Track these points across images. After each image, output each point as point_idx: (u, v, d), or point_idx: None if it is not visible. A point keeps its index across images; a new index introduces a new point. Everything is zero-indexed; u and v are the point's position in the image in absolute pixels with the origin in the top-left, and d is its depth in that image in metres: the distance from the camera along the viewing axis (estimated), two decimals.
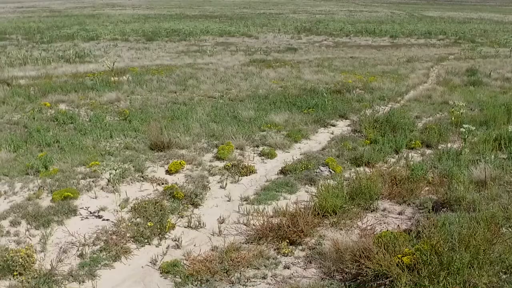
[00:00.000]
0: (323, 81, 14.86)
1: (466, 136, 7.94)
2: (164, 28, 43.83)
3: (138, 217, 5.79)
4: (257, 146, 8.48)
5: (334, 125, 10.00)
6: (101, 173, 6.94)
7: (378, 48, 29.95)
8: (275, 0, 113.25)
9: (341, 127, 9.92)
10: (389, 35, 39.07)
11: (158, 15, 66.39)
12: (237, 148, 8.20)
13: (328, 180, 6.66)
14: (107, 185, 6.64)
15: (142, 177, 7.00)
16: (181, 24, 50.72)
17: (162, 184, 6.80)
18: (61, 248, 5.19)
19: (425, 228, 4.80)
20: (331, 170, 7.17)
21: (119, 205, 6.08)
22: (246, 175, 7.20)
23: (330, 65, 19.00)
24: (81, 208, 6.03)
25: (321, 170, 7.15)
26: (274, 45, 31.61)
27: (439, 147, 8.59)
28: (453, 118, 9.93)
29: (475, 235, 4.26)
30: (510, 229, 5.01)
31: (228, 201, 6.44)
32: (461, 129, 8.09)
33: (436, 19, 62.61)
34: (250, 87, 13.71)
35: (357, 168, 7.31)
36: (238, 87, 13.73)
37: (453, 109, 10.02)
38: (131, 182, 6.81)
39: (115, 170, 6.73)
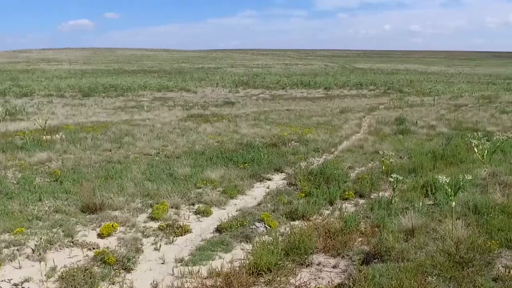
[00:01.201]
0: (259, 134, 15.14)
1: (395, 185, 8.24)
2: (102, 83, 43.47)
3: (65, 287, 5.50)
4: (193, 204, 8.40)
5: (269, 179, 10.13)
6: (27, 241, 6.60)
7: (313, 100, 31.01)
8: (213, 54, 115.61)
9: (277, 181, 10.06)
10: (323, 87, 40.65)
11: (95, 70, 65.82)
12: (172, 207, 8.08)
13: (264, 237, 6.66)
14: (33, 253, 6.30)
15: (72, 242, 6.70)
16: (119, 79, 50.50)
17: (93, 249, 6.54)
18: None
19: (356, 282, 4.87)
20: (267, 226, 7.19)
21: (45, 275, 5.77)
22: (181, 235, 7.07)
23: (267, 118, 19.43)
24: (2, 280, 5.67)
25: (257, 226, 7.16)
26: (212, 99, 32.03)
27: (372, 196, 8.86)
28: (383, 167, 10.33)
29: (402, 286, 4.37)
30: (436, 277, 5.16)
31: (162, 263, 6.26)
32: (390, 178, 8.40)
33: (366, 71, 65.92)
34: (186, 143, 13.73)
35: (292, 222, 7.38)
36: (175, 143, 13.70)
37: (383, 159, 10.43)
38: (60, 249, 6.51)
39: (42, 237, 6.42)
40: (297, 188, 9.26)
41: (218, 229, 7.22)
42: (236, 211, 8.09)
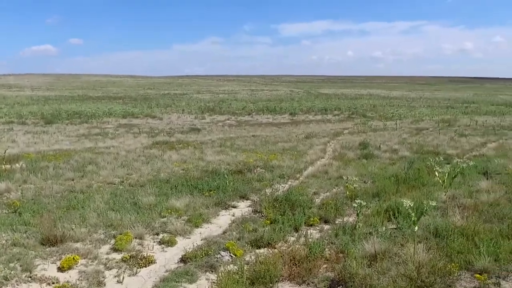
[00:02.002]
0: (225, 161, 15.13)
1: (359, 211, 8.36)
2: (65, 110, 42.78)
3: None
4: (157, 234, 8.28)
5: (235, 207, 10.10)
6: None
7: (278, 125, 31.27)
8: (179, 80, 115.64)
9: (242, 208, 10.04)
10: (289, 112, 41.12)
11: (59, 97, 64.77)
12: (136, 238, 7.94)
13: (229, 266, 6.61)
14: None
15: (30, 277, 6.48)
16: (83, 106, 49.83)
17: (53, 283, 6.33)
18: None
19: None
20: (232, 255, 7.15)
21: None
22: (145, 266, 6.94)
23: (233, 145, 19.46)
24: None
25: (222, 256, 7.10)
26: (178, 125, 31.91)
27: (337, 222, 8.93)
28: (348, 192, 10.48)
29: None
30: None
31: None
32: (353, 204, 8.51)
33: (331, 96, 67.12)
34: (151, 171, 13.59)
35: (258, 250, 7.36)
36: (139, 172, 13.54)
37: (347, 184, 10.58)
38: (17, 285, 6.28)
39: None
40: (263, 215, 9.26)
41: (183, 259, 7.13)
42: (201, 240, 8.02)
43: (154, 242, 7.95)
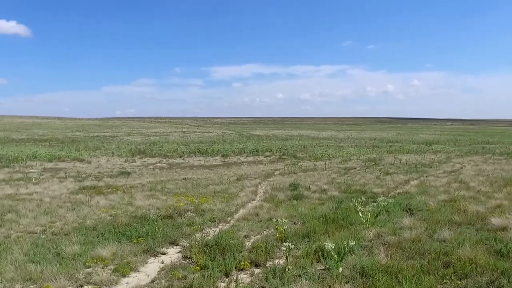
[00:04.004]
0: (155, 206, 14.83)
1: (288, 253, 8.42)
2: None
3: None
4: (81, 286, 7.88)
5: (164, 254, 9.85)
6: None
7: (210, 167, 31.23)
8: (109, 122, 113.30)
9: (172, 254, 9.81)
10: (220, 154, 41.26)
11: None
12: None
13: None
14: None
15: None
16: (5, 149, 47.43)
17: None
18: None
19: None
20: None
21: None
22: None
23: (163, 188, 19.16)
24: None
25: None
26: (107, 169, 31.02)
27: (267, 265, 8.92)
28: (278, 235, 10.55)
29: None
30: None
31: None
32: (282, 247, 8.57)
33: (262, 137, 68.19)
34: (77, 218, 13.06)
35: None
36: (64, 219, 12.96)
37: (277, 226, 10.67)
38: None
39: None
40: (193, 261, 9.09)
41: None
42: None
43: None
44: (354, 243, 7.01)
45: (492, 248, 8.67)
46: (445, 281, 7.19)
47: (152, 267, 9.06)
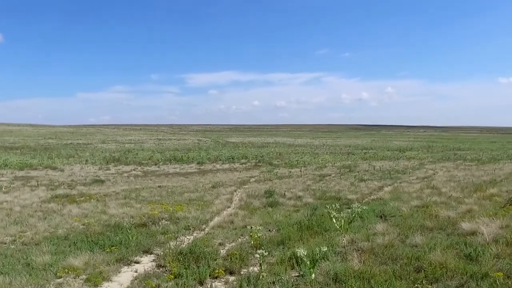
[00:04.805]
0: (129, 214, 14.68)
1: (261, 261, 8.43)
2: None
3: None
4: None
5: (138, 262, 9.75)
6: None
7: (186, 175, 31.08)
8: (83, 130, 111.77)
9: (145, 263, 9.71)
10: (196, 161, 41.09)
11: None
12: None
13: None
14: None
15: None
16: None
17: None
18: None
19: None
20: None
21: None
22: None
23: (138, 196, 18.99)
24: None
25: None
26: (81, 177, 30.57)
27: (242, 273, 8.91)
28: (253, 242, 10.56)
29: None
30: None
31: None
32: (256, 255, 8.58)
33: (238, 145, 68.20)
34: (48, 228, 12.82)
35: None
36: (35, 228, 12.71)
37: (252, 233, 10.68)
38: None
39: None
40: (167, 270, 9.02)
41: None
42: None
43: None
44: (326, 249, 7.06)
45: (462, 252, 8.83)
46: (416, 285, 7.29)
47: (125, 276, 8.96)
